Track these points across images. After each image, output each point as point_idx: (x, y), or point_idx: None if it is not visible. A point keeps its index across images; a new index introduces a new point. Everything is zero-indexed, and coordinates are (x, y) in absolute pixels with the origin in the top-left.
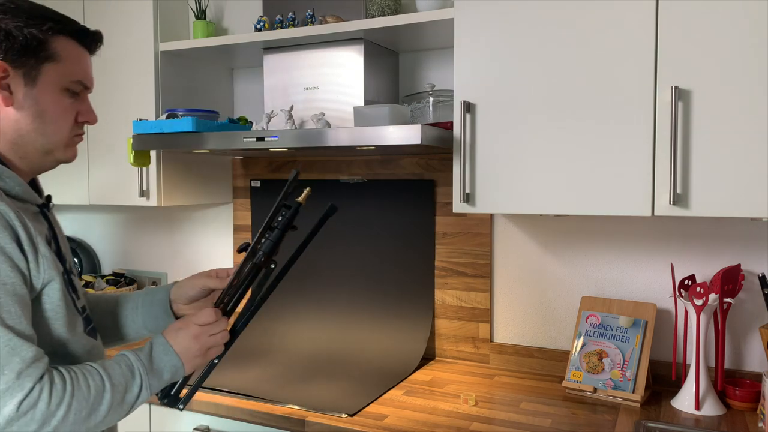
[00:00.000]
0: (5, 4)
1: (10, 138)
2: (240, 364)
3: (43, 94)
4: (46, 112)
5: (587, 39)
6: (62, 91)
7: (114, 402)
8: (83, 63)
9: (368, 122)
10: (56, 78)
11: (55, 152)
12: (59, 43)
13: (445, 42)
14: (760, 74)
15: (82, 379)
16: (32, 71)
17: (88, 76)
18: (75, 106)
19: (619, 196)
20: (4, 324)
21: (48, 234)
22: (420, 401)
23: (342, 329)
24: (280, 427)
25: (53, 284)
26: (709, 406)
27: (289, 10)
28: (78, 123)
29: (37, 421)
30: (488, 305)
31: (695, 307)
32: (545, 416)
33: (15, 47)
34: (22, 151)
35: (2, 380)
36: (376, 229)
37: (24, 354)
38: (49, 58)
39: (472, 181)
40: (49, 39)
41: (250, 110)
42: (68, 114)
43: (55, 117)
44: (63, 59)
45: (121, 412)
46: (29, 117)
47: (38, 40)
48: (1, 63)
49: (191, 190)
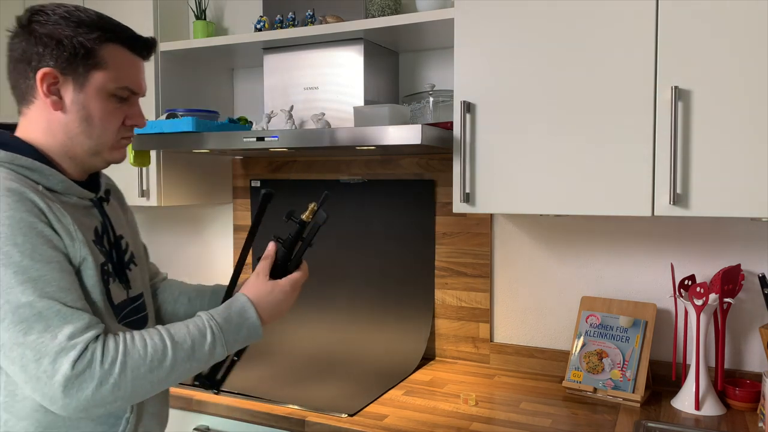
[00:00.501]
0: (62, 12)
1: (60, 140)
2: (240, 364)
3: (91, 99)
4: (92, 116)
5: (587, 39)
6: (109, 97)
7: (178, 358)
8: (132, 70)
9: (368, 122)
10: (103, 84)
11: (102, 153)
12: (108, 51)
13: (445, 42)
14: (760, 74)
15: (138, 339)
16: (80, 78)
17: (137, 82)
18: (123, 110)
19: (619, 196)
20: (54, 297)
21: (99, 227)
22: (420, 401)
23: (342, 329)
24: (280, 427)
25: (87, 264)
26: (709, 406)
27: (289, 10)
28: (126, 126)
29: (94, 379)
30: (488, 305)
31: (695, 307)
32: (545, 416)
33: (64, 55)
34: (71, 152)
35: (55, 342)
36: (376, 229)
37: (76, 322)
38: (97, 66)
39: (472, 181)
40: (97, 47)
41: (250, 110)
42: (115, 117)
43: (102, 120)
44: (110, 66)
45: (192, 368)
46: (77, 120)
47: (87, 48)
48: (52, 70)
49: (191, 190)
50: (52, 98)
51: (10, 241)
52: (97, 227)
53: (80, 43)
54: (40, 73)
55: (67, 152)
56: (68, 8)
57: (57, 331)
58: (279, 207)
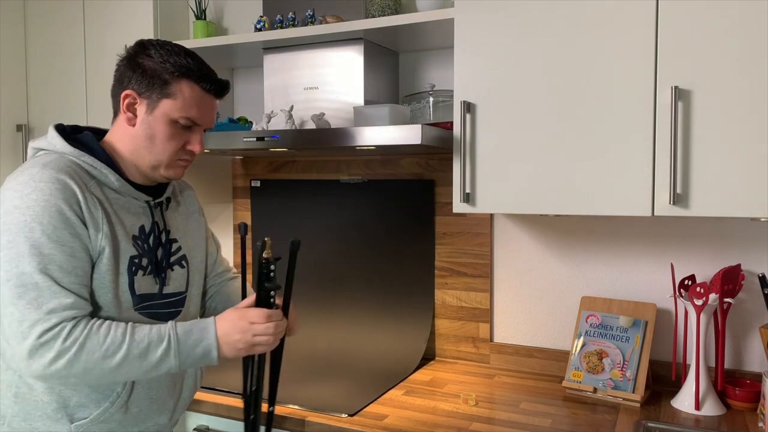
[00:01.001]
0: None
1: (129, 149)
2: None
3: (156, 122)
4: (155, 136)
5: (587, 39)
6: (172, 123)
7: (130, 354)
8: (199, 105)
9: (368, 122)
10: (169, 111)
11: (160, 168)
12: (181, 86)
13: (445, 42)
14: (760, 74)
15: (104, 328)
16: (153, 103)
17: (202, 116)
18: (184, 136)
19: (619, 196)
20: (52, 276)
21: (148, 226)
22: (420, 401)
23: (342, 329)
24: (280, 427)
25: (105, 254)
26: (709, 406)
27: (289, 10)
28: (185, 149)
29: (53, 351)
30: (488, 305)
31: (695, 307)
32: (545, 416)
33: (145, 82)
34: (136, 161)
35: (38, 312)
36: (376, 229)
37: (62, 299)
38: (168, 96)
39: (472, 181)
40: (172, 81)
41: (250, 110)
42: (174, 141)
43: (162, 141)
44: (179, 98)
45: (143, 368)
46: (142, 137)
47: (163, 80)
48: (132, 92)
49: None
50: (128, 114)
51: (38, 219)
52: (144, 226)
53: (159, 74)
54: (123, 93)
55: (133, 161)
56: (166, 47)
57: (43, 303)
58: (279, 207)
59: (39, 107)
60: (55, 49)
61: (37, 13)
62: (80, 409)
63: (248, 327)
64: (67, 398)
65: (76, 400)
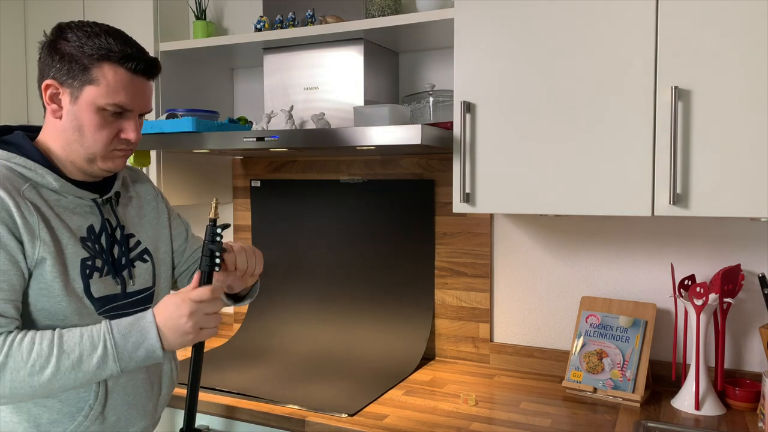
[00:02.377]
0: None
1: (61, 145)
2: (240, 364)
3: (82, 111)
4: (83, 126)
5: (587, 39)
6: (99, 110)
7: (61, 367)
8: (126, 89)
9: (368, 122)
10: (93, 99)
11: (96, 161)
12: (103, 70)
13: (445, 42)
14: (760, 74)
15: (27, 342)
16: (75, 91)
17: (131, 101)
18: (117, 124)
19: (619, 196)
20: None
21: (97, 225)
22: (420, 401)
23: (342, 329)
24: (280, 427)
25: (45, 264)
26: (709, 406)
27: (289, 10)
28: (119, 138)
29: None
30: (488, 305)
31: (695, 307)
32: (545, 416)
33: (64, 69)
34: (70, 156)
35: None
36: (376, 229)
37: None
38: (90, 82)
39: (472, 181)
40: (93, 65)
41: (250, 110)
42: (106, 130)
43: (92, 132)
44: (102, 83)
45: (80, 379)
46: (71, 129)
47: (83, 65)
48: (53, 82)
49: (191, 190)
50: (53, 106)
51: None
52: (94, 225)
53: (78, 59)
54: (44, 84)
55: (67, 157)
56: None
57: None
58: (279, 207)
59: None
60: None
61: (37, 13)
62: (53, 426)
63: (195, 307)
64: (38, 416)
65: (47, 416)
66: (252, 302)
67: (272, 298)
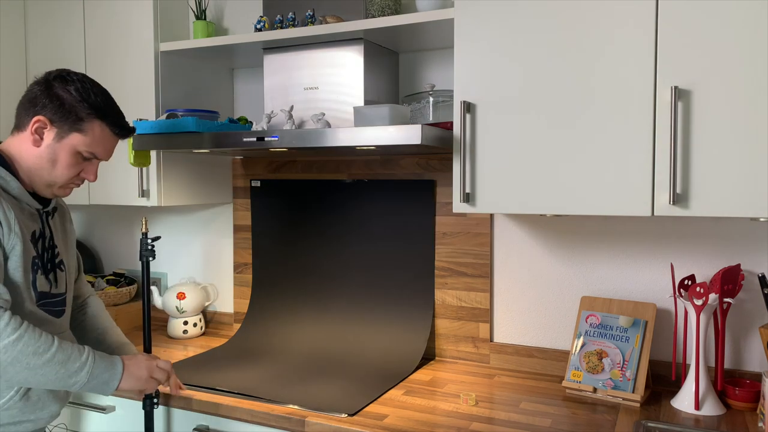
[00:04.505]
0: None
1: (29, 165)
2: (240, 364)
3: (61, 149)
4: (57, 162)
5: (587, 38)
6: (76, 154)
7: (57, 358)
8: (105, 144)
9: (368, 122)
10: (76, 144)
11: (53, 188)
12: (92, 125)
13: (445, 42)
14: (760, 74)
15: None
16: (63, 133)
17: (105, 153)
18: (82, 165)
19: (619, 196)
20: None
21: (38, 231)
22: (420, 401)
23: (342, 329)
24: (280, 427)
25: (15, 252)
26: (709, 406)
27: (289, 10)
28: (79, 176)
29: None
30: (488, 305)
31: (695, 307)
32: (545, 416)
33: (60, 113)
34: (33, 176)
35: None
36: (376, 229)
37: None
38: (79, 131)
39: (472, 181)
40: (87, 119)
41: (250, 110)
42: (74, 169)
43: (62, 168)
44: (88, 135)
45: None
46: (46, 159)
47: (78, 116)
48: (45, 119)
49: (191, 190)
50: (35, 137)
51: None
52: (36, 231)
53: (76, 110)
54: (35, 117)
55: (30, 175)
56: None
57: None
58: (279, 207)
59: None
60: (55, 49)
61: (37, 13)
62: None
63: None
64: None
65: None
66: (252, 302)
67: (272, 298)
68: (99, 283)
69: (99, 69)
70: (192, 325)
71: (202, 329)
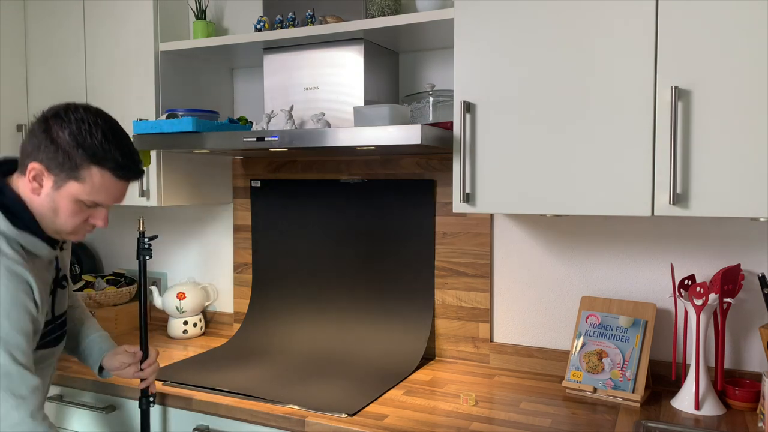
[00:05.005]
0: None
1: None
2: (240, 364)
3: (61, 198)
4: (59, 210)
5: (587, 39)
6: (76, 202)
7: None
8: (108, 190)
9: (368, 122)
10: (75, 193)
11: (62, 234)
12: (91, 171)
13: (445, 42)
14: (760, 74)
15: None
16: (60, 181)
17: (110, 198)
18: (87, 212)
19: (619, 196)
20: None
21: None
22: (420, 401)
23: (342, 329)
24: (280, 427)
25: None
26: (709, 406)
27: (289, 10)
28: (88, 222)
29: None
30: (488, 305)
31: (695, 307)
32: (545, 416)
33: (55, 160)
34: (43, 222)
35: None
36: (376, 229)
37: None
38: (76, 179)
39: (472, 181)
40: (83, 166)
41: (250, 110)
42: (77, 216)
43: (65, 216)
44: (87, 183)
45: None
46: (47, 208)
47: (74, 163)
48: (41, 167)
49: (191, 190)
50: (34, 185)
51: (5, 314)
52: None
53: (71, 156)
54: (31, 165)
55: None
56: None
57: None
58: (279, 207)
59: (39, 107)
60: (55, 49)
61: (37, 13)
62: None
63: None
64: None
65: None
66: (252, 302)
67: (272, 298)
68: (99, 283)
69: (99, 69)
70: (192, 325)
71: (202, 329)
